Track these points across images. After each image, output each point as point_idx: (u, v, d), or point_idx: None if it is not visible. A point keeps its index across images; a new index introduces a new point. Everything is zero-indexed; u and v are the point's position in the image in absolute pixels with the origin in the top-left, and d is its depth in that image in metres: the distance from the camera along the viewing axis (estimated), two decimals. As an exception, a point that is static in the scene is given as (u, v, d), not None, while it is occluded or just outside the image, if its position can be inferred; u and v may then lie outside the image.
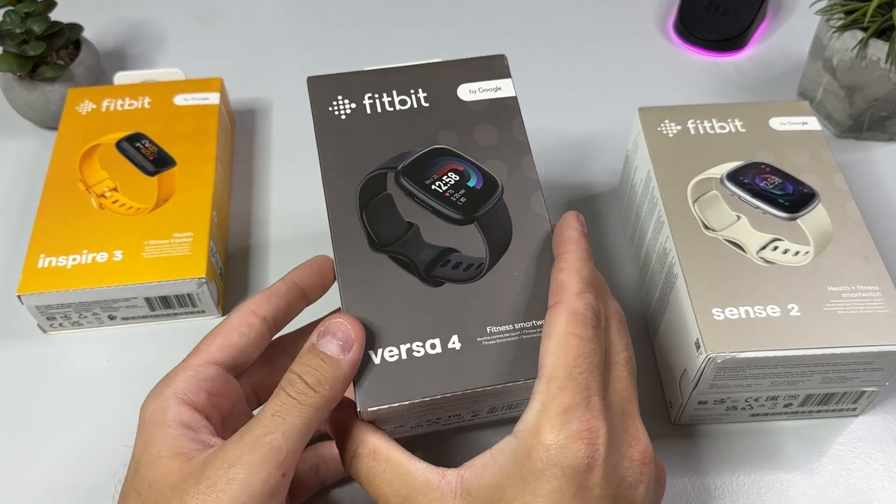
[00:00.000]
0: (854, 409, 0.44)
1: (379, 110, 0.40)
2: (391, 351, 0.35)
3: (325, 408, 0.33)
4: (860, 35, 0.53)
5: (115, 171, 0.51)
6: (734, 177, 0.46)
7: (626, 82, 0.64)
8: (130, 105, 0.55)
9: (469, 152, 0.39)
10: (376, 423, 0.35)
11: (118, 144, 0.52)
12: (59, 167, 0.51)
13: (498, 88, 0.41)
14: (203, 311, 0.49)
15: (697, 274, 0.42)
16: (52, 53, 0.58)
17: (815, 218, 0.44)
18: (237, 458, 0.31)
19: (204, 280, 0.47)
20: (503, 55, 0.42)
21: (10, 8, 0.55)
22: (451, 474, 0.32)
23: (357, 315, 0.35)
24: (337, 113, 0.40)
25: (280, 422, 0.32)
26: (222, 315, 0.50)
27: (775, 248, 0.43)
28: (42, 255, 0.47)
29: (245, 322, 0.37)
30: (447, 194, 0.38)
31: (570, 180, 0.57)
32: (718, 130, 0.48)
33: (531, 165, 0.39)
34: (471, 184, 0.38)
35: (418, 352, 0.35)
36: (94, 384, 0.47)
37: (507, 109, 0.41)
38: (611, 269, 0.52)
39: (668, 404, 0.45)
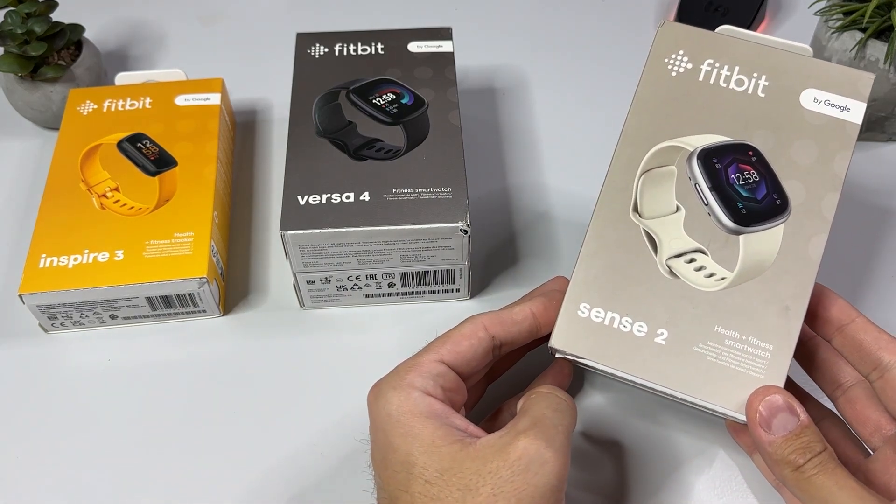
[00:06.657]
0: None
1: (346, 54, 0.53)
2: (314, 197, 0.45)
3: None
4: (859, 36, 0.53)
5: (116, 171, 0.51)
6: (709, 155, 0.39)
7: (625, 84, 0.63)
8: (132, 105, 0.55)
9: (408, 83, 0.51)
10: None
11: (119, 145, 0.52)
12: (61, 167, 0.51)
13: (440, 46, 0.53)
14: (204, 311, 0.49)
15: (590, 261, 0.38)
16: (54, 54, 0.58)
17: (762, 240, 0.37)
18: (547, 444, 0.33)
19: (205, 280, 0.47)
20: (450, 28, 0.54)
21: (12, 8, 0.55)
22: None
23: (293, 171, 0.46)
24: (311, 52, 0.53)
25: None
26: (223, 315, 0.50)
27: (691, 260, 0.37)
28: (43, 255, 0.47)
29: (476, 335, 0.37)
30: (383, 106, 0.49)
31: (569, 181, 0.57)
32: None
33: (455, 94, 0.50)
34: (404, 101, 0.50)
35: (336, 199, 0.45)
36: (96, 384, 0.47)
37: (444, 58, 0.52)
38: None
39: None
